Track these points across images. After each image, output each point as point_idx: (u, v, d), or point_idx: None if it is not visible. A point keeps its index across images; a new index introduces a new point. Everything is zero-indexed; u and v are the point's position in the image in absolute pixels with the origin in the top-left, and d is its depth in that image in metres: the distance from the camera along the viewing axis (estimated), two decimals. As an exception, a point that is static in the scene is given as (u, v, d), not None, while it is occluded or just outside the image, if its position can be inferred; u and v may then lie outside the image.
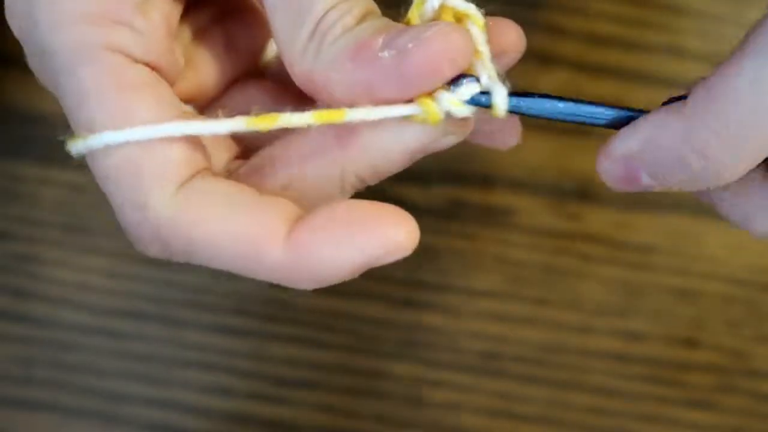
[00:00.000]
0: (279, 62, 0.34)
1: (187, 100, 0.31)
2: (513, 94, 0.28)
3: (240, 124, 0.27)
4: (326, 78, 0.27)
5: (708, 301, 0.46)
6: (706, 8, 0.46)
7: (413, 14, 0.29)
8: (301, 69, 0.28)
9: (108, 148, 0.27)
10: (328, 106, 0.28)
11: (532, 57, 0.46)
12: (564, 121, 0.29)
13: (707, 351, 0.46)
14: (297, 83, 0.28)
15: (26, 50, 0.29)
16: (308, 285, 0.27)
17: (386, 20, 0.28)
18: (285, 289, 0.42)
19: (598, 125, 0.29)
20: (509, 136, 0.36)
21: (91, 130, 0.27)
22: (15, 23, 0.28)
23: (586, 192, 0.46)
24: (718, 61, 0.35)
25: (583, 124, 0.29)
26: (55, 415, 0.45)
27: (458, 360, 0.46)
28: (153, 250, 0.28)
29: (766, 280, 0.46)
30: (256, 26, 0.34)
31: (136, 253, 0.45)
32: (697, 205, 0.46)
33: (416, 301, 0.46)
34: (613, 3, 0.46)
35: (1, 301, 0.46)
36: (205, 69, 0.32)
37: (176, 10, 0.29)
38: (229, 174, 0.30)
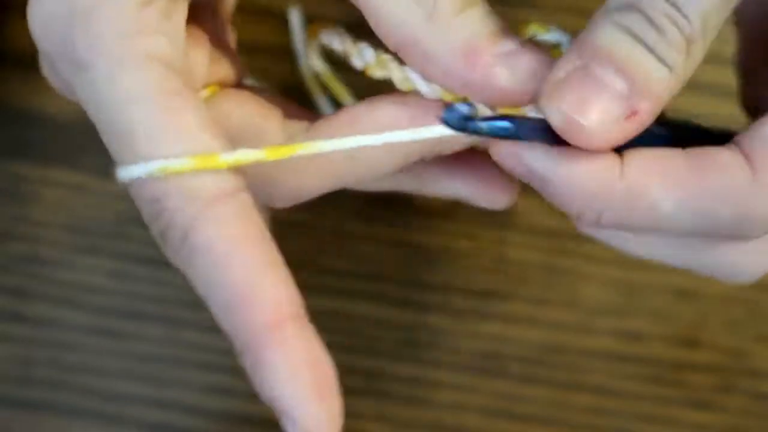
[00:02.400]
0: None
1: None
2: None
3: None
4: (434, 58, 0.27)
5: (708, 301, 0.46)
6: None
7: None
8: (403, 31, 0.27)
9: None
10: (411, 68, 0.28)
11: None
12: None
13: (707, 351, 0.46)
14: (387, 40, 0.28)
15: (58, 68, 0.28)
16: (247, 365, 0.27)
17: (489, 13, 0.28)
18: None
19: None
20: (500, 195, 0.36)
21: (141, 135, 0.27)
22: (49, 46, 0.28)
23: (586, 192, 0.46)
24: (719, 62, 0.35)
25: None
26: (55, 415, 0.45)
27: (458, 360, 0.46)
28: (173, 236, 0.27)
29: (766, 280, 0.46)
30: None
31: (136, 253, 0.46)
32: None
33: (416, 301, 0.46)
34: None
35: (1, 301, 0.46)
36: (224, 65, 0.32)
37: (186, 12, 0.29)
38: (290, 138, 0.30)
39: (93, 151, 0.29)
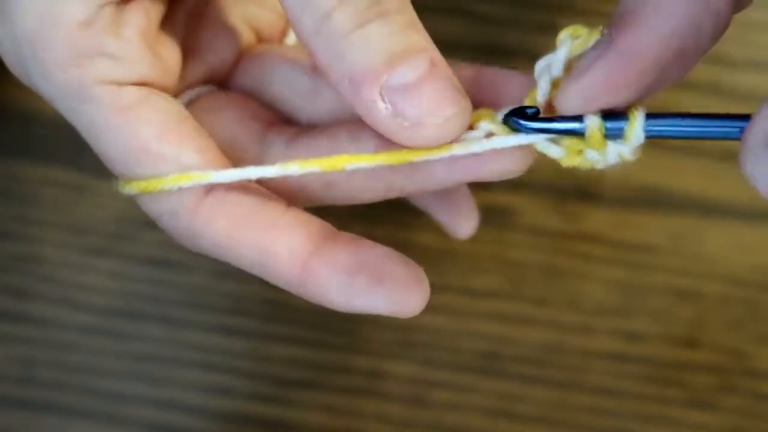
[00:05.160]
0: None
1: (205, 83, 0.32)
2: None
3: (298, 168, 0.27)
4: (325, 70, 0.25)
5: (708, 301, 0.46)
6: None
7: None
8: (298, 33, 0.25)
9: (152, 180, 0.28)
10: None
11: (534, 59, 0.46)
12: (696, 138, 0.26)
13: (707, 351, 0.46)
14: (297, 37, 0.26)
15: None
16: (313, 300, 0.28)
17: (398, 28, 0.25)
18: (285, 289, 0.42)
19: (732, 138, 0.26)
20: (465, 222, 0.36)
21: (110, 158, 0.28)
22: (17, 73, 0.29)
23: (586, 192, 0.46)
24: (724, 62, 0.35)
25: (715, 139, 0.26)
26: (55, 415, 0.45)
27: (458, 360, 0.46)
28: (186, 244, 0.29)
29: (766, 280, 0.46)
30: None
31: (136, 253, 0.46)
32: (697, 204, 0.46)
33: (416, 301, 0.46)
34: (615, 3, 0.46)
35: (1, 301, 0.46)
36: (210, 51, 0.32)
37: (155, 13, 0.29)
38: (267, 150, 0.30)
39: (93, 151, 0.29)
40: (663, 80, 0.25)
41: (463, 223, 0.36)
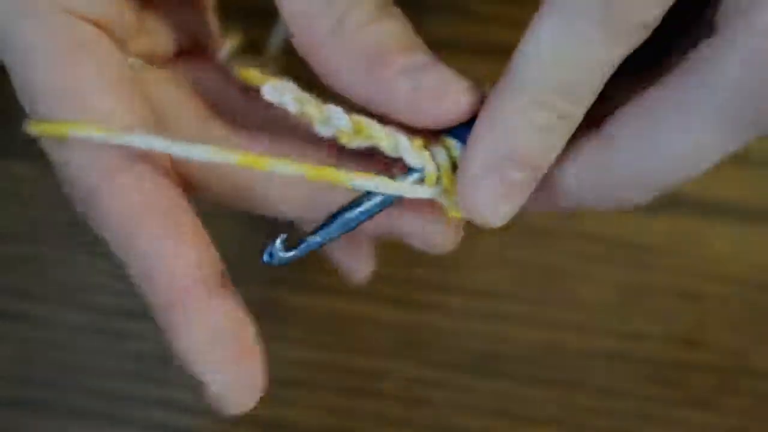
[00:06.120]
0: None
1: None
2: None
3: (215, 154, 0.26)
4: (337, 67, 0.26)
5: (708, 301, 0.46)
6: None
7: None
8: (310, 35, 0.26)
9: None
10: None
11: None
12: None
13: (707, 351, 0.46)
14: (294, 39, 0.27)
15: None
16: (163, 332, 0.28)
17: (405, 27, 0.27)
18: (284, 289, 0.42)
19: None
20: (361, 266, 0.36)
21: (36, 89, 0.27)
22: None
23: (586, 192, 0.46)
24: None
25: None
26: (55, 415, 0.45)
27: (458, 360, 0.46)
28: (81, 208, 0.28)
29: (766, 280, 0.46)
30: (202, 7, 0.33)
31: (136, 253, 0.46)
32: (697, 204, 0.46)
33: (416, 301, 0.46)
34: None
35: (1, 301, 0.46)
36: (156, 35, 0.31)
37: None
38: (205, 133, 0.29)
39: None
40: None
41: (359, 266, 0.36)
